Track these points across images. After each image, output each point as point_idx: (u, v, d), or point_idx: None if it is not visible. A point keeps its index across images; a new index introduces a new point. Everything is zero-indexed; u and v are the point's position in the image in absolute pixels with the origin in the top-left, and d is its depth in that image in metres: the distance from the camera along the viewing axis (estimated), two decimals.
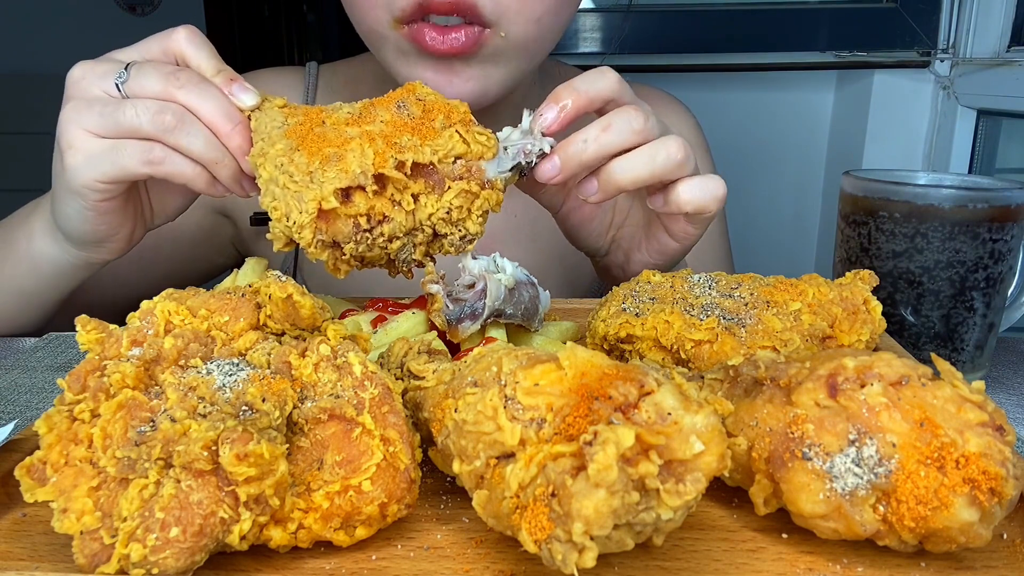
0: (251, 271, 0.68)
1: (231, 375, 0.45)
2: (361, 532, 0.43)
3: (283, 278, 0.52)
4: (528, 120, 0.66)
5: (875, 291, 0.64)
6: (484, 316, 0.64)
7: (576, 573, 0.36)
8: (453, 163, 0.60)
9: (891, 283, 0.72)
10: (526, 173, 0.67)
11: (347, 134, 0.59)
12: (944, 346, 0.73)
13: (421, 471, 0.47)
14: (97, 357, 0.46)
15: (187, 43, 0.68)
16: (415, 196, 0.59)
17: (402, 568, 0.43)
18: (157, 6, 3.38)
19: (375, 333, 0.66)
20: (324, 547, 0.43)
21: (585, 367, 0.41)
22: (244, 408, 0.42)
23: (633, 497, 0.36)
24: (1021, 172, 1.91)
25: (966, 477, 0.40)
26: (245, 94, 0.66)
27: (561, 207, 0.80)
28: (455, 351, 0.66)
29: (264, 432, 0.41)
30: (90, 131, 0.67)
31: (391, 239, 0.58)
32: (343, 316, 0.70)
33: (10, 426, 0.52)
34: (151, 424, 0.42)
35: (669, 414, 0.38)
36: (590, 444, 0.36)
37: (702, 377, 0.53)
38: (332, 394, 0.45)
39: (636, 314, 0.63)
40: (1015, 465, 0.41)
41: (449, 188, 0.59)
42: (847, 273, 0.66)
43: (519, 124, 0.66)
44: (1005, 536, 0.45)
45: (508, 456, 0.40)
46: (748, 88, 1.99)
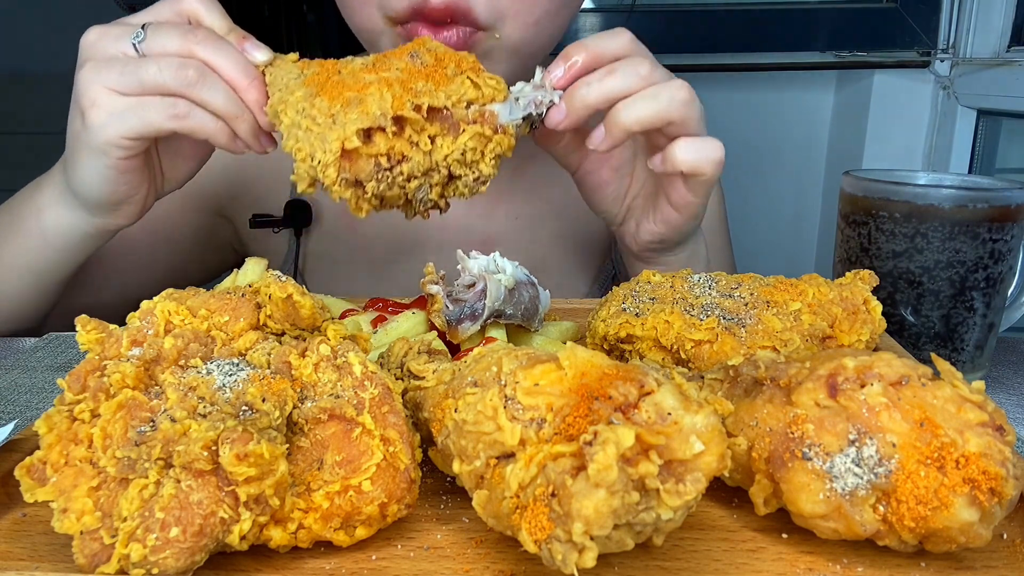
0: (251, 271, 0.68)
1: (231, 375, 0.45)
2: (361, 532, 0.43)
3: (283, 278, 0.52)
4: (540, 75, 0.69)
5: (875, 291, 0.64)
6: (484, 316, 0.64)
7: (576, 573, 0.36)
8: (467, 108, 0.63)
9: (891, 283, 0.72)
10: (537, 125, 0.69)
11: (365, 80, 0.62)
12: (944, 346, 0.73)
13: (421, 471, 0.47)
14: (97, 357, 0.46)
15: (199, 3, 0.70)
16: (432, 138, 0.61)
17: (402, 568, 0.43)
18: None
19: (375, 333, 0.66)
20: (324, 547, 0.43)
21: (585, 367, 0.41)
22: (244, 408, 0.42)
23: (633, 497, 0.36)
24: (1021, 172, 1.91)
25: (966, 477, 0.40)
26: (258, 51, 0.69)
27: (579, 168, 0.82)
28: (455, 351, 0.66)
29: (264, 432, 0.41)
30: (112, 89, 0.68)
31: (409, 178, 0.61)
32: (343, 316, 0.70)
33: (10, 426, 0.52)
34: (151, 424, 0.42)
35: (669, 414, 0.38)
36: (590, 444, 0.36)
37: (702, 377, 0.53)
38: (332, 394, 0.45)
39: (636, 314, 0.63)
40: (1015, 465, 0.41)
41: (464, 131, 0.62)
42: (847, 273, 0.66)
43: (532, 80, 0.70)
44: (1005, 536, 0.45)
45: (508, 456, 0.40)
46: (748, 88, 1.99)
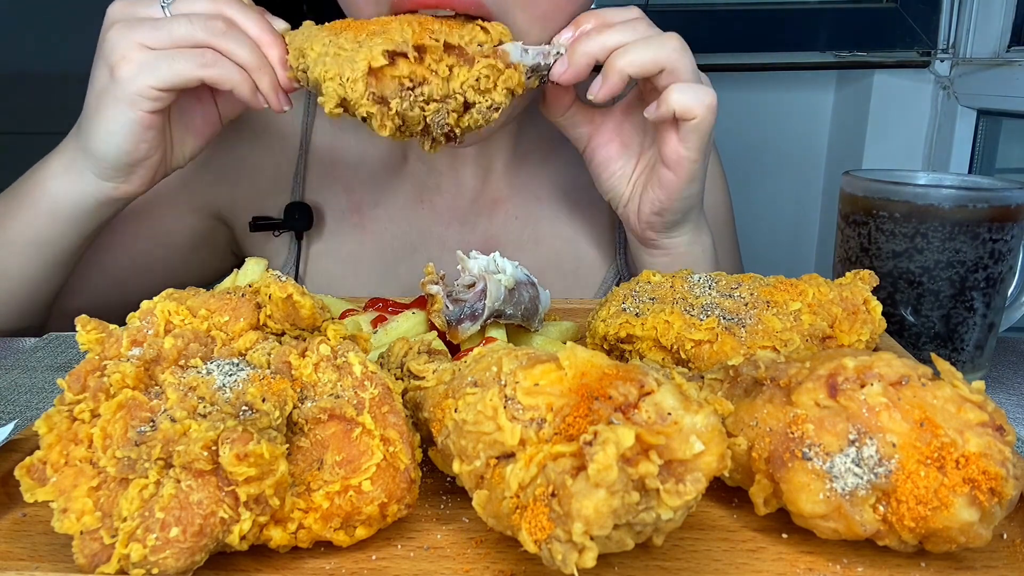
0: (251, 271, 0.68)
1: (231, 375, 0.45)
2: (361, 532, 0.43)
3: (283, 278, 0.52)
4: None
5: (875, 291, 0.64)
6: (484, 317, 0.64)
7: (576, 573, 0.36)
8: (480, 47, 0.71)
9: (891, 283, 0.72)
10: (545, 80, 0.75)
11: (384, 20, 0.70)
12: (944, 346, 0.73)
13: (421, 471, 0.47)
14: (97, 357, 0.46)
15: None
16: (449, 68, 0.68)
17: (402, 568, 0.43)
18: None
19: (375, 333, 0.66)
20: (324, 547, 0.43)
21: (585, 367, 0.41)
22: (244, 408, 0.42)
23: (633, 497, 0.36)
24: (1021, 172, 1.91)
25: (966, 477, 0.40)
26: (277, 21, 0.76)
27: (589, 142, 0.85)
28: (455, 351, 0.66)
29: (264, 432, 0.41)
30: (143, 44, 0.72)
31: (429, 100, 0.68)
32: (343, 316, 0.70)
33: (10, 426, 0.52)
34: (151, 424, 0.42)
35: (669, 414, 0.38)
36: (590, 444, 0.36)
37: (702, 377, 0.53)
38: (332, 394, 0.45)
39: (636, 314, 0.63)
40: (1015, 465, 0.41)
41: (478, 62, 0.69)
42: (847, 273, 0.66)
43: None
44: (1005, 536, 0.45)
45: (508, 456, 0.40)
46: (748, 88, 1.99)
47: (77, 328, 0.48)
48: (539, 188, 1.05)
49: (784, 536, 0.46)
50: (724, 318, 0.61)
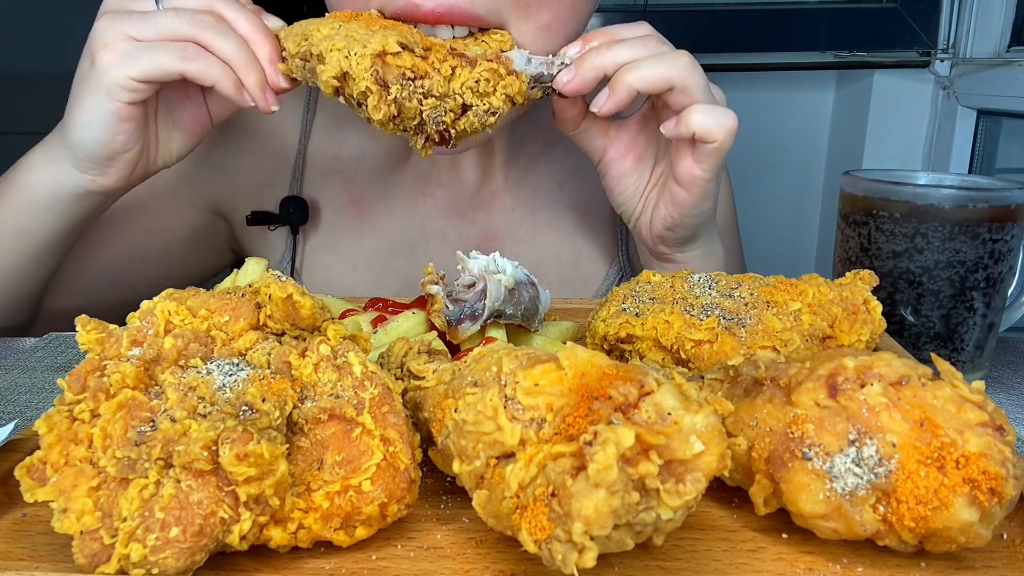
0: (251, 271, 0.68)
1: (231, 375, 0.45)
2: (361, 532, 0.43)
3: (283, 278, 0.52)
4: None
5: (875, 291, 0.64)
6: (484, 317, 0.64)
7: (576, 573, 0.36)
8: (483, 51, 0.72)
9: (891, 283, 0.72)
10: (549, 91, 0.75)
11: (393, 21, 0.72)
12: (944, 346, 0.73)
13: (421, 471, 0.47)
14: (97, 357, 0.46)
15: None
16: (452, 68, 0.69)
17: (402, 568, 0.43)
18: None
19: (375, 333, 0.66)
20: (324, 547, 0.43)
21: (585, 367, 0.41)
22: (244, 408, 0.42)
23: (633, 497, 0.36)
24: (1021, 172, 1.91)
25: (966, 477, 0.40)
26: (272, 19, 0.75)
27: (603, 155, 0.84)
28: (455, 351, 0.66)
29: (264, 432, 0.41)
30: (128, 34, 0.71)
31: (427, 95, 0.68)
32: (343, 316, 0.70)
33: (10, 426, 0.52)
34: (151, 424, 0.42)
35: (669, 414, 0.38)
36: (590, 444, 0.36)
37: (702, 377, 0.53)
38: (332, 394, 0.45)
39: (636, 314, 0.63)
40: (1015, 465, 0.41)
41: (480, 64, 0.70)
42: (847, 273, 0.66)
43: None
44: (1005, 536, 0.45)
45: (508, 456, 0.40)
46: (748, 88, 1.99)
47: (77, 328, 0.48)
48: (538, 182, 1.06)
49: (784, 536, 0.46)
50: (724, 318, 0.61)
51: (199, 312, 0.50)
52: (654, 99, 0.81)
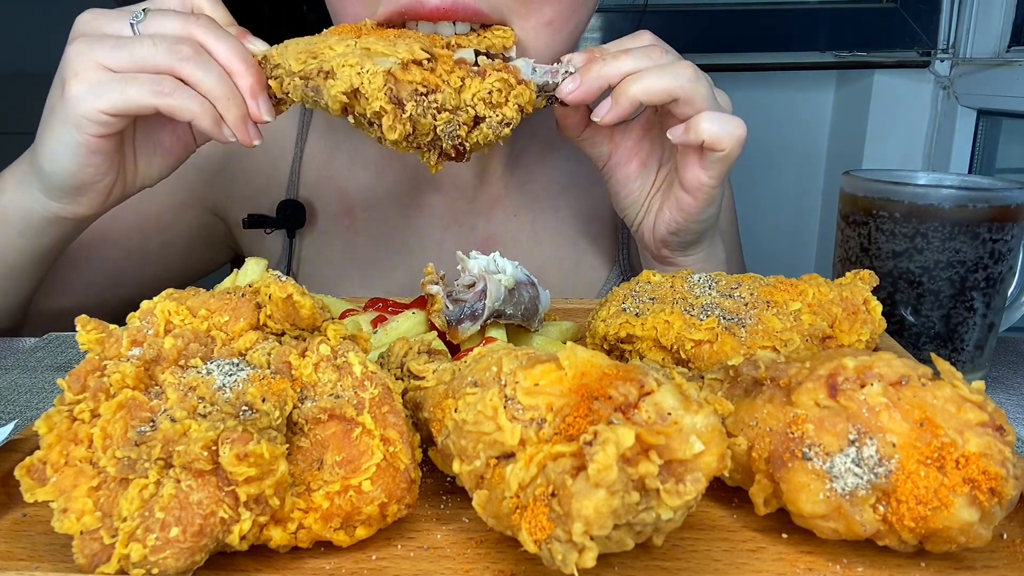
0: (251, 271, 0.68)
1: (231, 375, 0.45)
2: (361, 532, 0.43)
3: (283, 278, 0.52)
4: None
5: (875, 291, 0.64)
6: (484, 317, 0.64)
7: (576, 573, 0.36)
8: (489, 59, 0.71)
9: (891, 283, 0.72)
10: (554, 100, 0.74)
11: (399, 31, 0.72)
12: (944, 346, 0.73)
13: (421, 471, 0.47)
14: (97, 357, 0.46)
15: None
16: (461, 79, 0.68)
17: (402, 568, 0.43)
18: None
19: (375, 333, 0.66)
20: (324, 547, 0.43)
21: (585, 367, 0.41)
22: (244, 408, 0.42)
23: (633, 497, 0.36)
24: (1021, 172, 1.91)
25: (966, 477, 0.40)
26: (256, 43, 0.71)
27: (608, 161, 0.84)
28: (455, 351, 0.66)
29: (264, 432, 0.41)
30: (101, 63, 0.66)
31: (440, 109, 0.67)
32: (343, 316, 0.70)
33: (10, 426, 0.52)
34: (151, 424, 0.42)
35: (669, 414, 0.38)
36: (590, 444, 0.36)
37: (702, 377, 0.53)
38: (332, 394, 0.45)
39: (636, 314, 0.63)
40: (1015, 465, 0.41)
41: (490, 75, 0.69)
42: (847, 273, 0.66)
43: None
44: (1005, 536, 0.45)
45: (508, 456, 0.40)
46: (748, 88, 1.99)
47: (77, 328, 0.48)
48: (540, 187, 1.06)
49: (784, 536, 0.46)
50: (724, 318, 0.61)
51: (199, 312, 0.50)
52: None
